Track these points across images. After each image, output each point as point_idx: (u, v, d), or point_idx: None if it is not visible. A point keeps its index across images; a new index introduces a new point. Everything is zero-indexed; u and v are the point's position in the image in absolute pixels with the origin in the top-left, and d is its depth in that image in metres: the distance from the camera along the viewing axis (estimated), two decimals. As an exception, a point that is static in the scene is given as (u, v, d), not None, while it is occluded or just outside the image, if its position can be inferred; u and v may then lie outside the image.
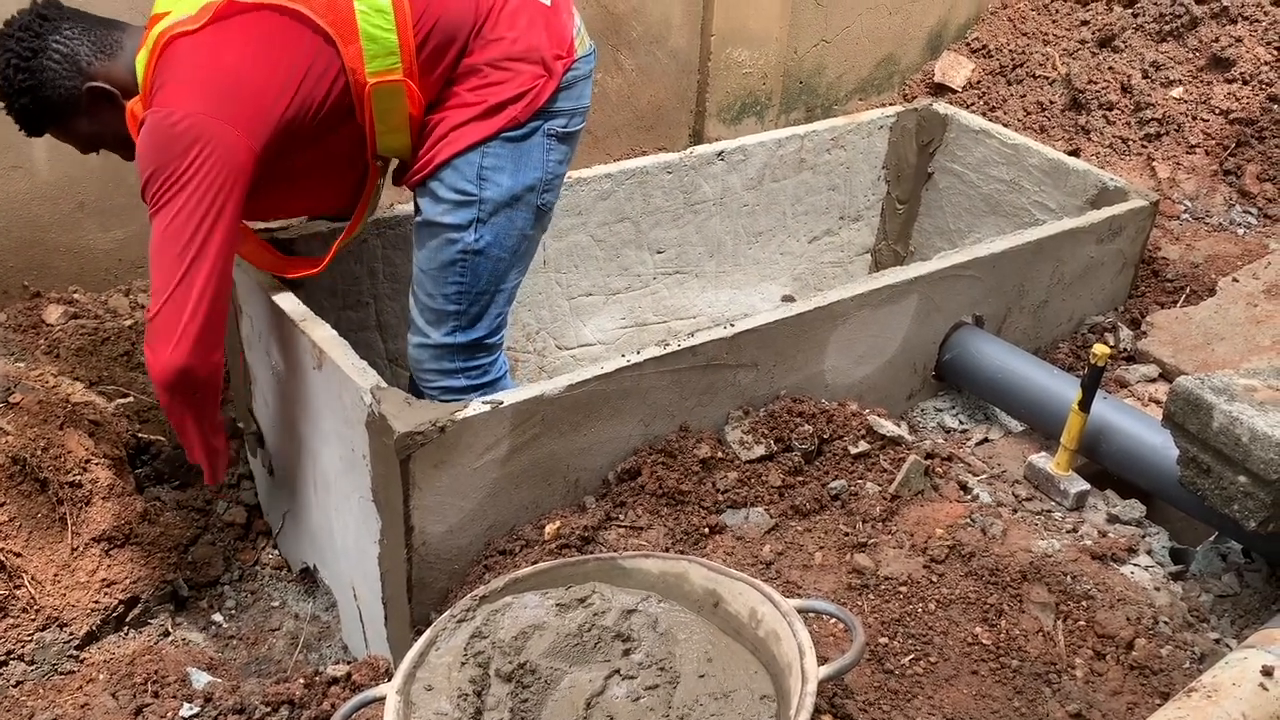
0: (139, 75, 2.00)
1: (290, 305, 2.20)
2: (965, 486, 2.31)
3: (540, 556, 1.96)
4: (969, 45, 4.77)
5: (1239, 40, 4.07)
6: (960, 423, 2.71)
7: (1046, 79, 4.42)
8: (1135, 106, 4.13)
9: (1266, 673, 1.65)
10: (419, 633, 1.68)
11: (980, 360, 2.65)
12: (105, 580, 2.24)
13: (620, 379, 2.09)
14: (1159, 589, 2.08)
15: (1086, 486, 2.33)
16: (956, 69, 4.67)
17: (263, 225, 2.44)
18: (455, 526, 1.99)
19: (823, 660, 1.51)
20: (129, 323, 2.79)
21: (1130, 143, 4.08)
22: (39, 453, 2.19)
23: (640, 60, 3.95)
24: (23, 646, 2.10)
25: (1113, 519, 2.29)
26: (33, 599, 2.13)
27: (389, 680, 1.58)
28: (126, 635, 2.27)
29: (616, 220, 3.09)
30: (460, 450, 1.92)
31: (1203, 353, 2.86)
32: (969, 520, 2.15)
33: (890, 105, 3.83)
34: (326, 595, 2.49)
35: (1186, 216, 3.80)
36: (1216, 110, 4.00)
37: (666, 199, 3.15)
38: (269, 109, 1.96)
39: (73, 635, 2.17)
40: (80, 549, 2.21)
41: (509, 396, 1.97)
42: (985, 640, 1.88)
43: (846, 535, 2.10)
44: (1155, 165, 3.98)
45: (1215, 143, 3.96)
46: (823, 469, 2.25)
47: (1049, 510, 2.30)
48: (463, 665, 1.54)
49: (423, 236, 2.21)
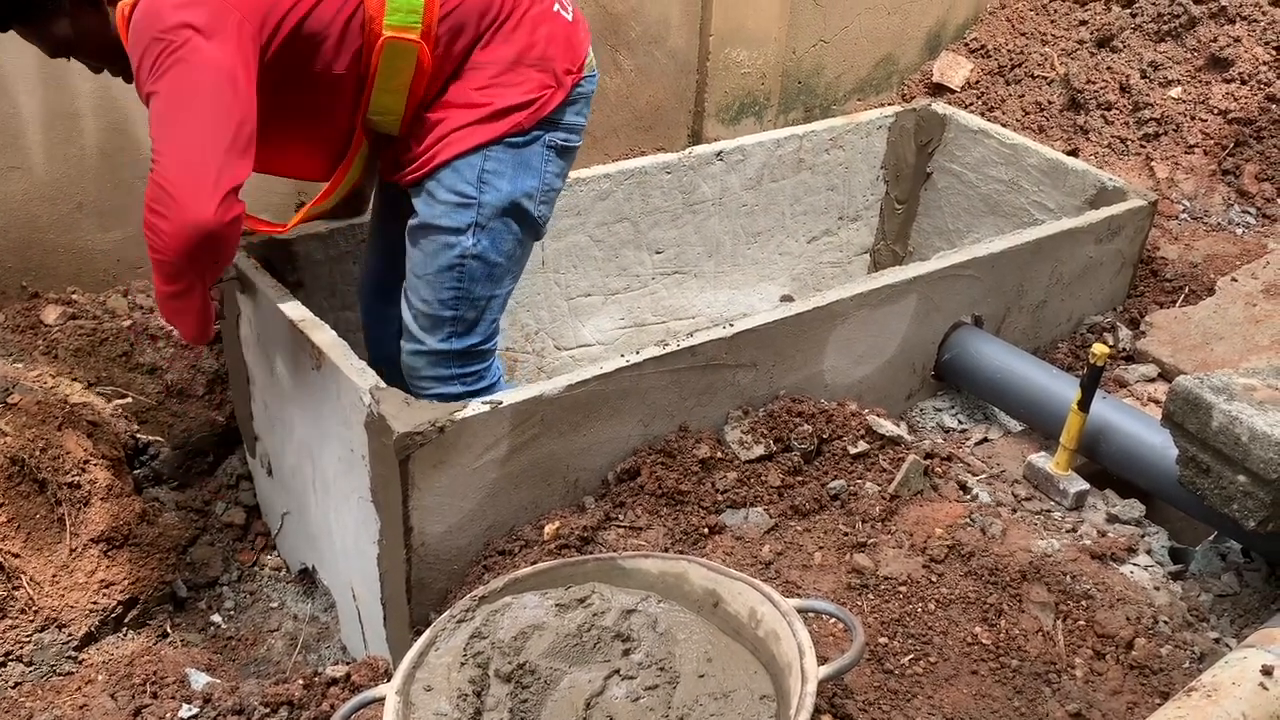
0: None
1: (289, 306, 2.19)
2: (964, 486, 2.31)
3: (540, 557, 1.96)
4: (967, 45, 4.77)
5: (1237, 40, 4.07)
6: (959, 423, 2.70)
7: (1045, 79, 4.42)
8: (1134, 106, 4.13)
9: (1266, 672, 1.65)
10: (418, 633, 1.68)
11: (979, 360, 2.65)
12: (104, 581, 2.23)
13: (619, 379, 2.09)
14: (1158, 588, 2.07)
15: (1086, 486, 2.33)
16: (955, 69, 4.67)
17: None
18: (454, 527, 1.99)
19: (822, 660, 1.51)
20: (127, 323, 2.79)
21: (1129, 143, 4.09)
22: (37, 453, 2.19)
23: (639, 60, 3.94)
24: (21, 647, 2.10)
25: (1112, 519, 2.29)
26: (31, 600, 2.13)
27: (388, 681, 1.58)
28: (125, 636, 2.27)
29: (615, 220, 3.08)
30: (459, 450, 1.92)
31: (1202, 352, 2.86)
32: (968, 520, 2.15)
33: (889, 105, 3.83)
34: (325, 596, 2.49)
35: (1185, 216, 3.80)
36: (1215, 110, 4.00)
37: (665, 199, 3.15)
38: (270, 10, 1.87)
39: (71, 636, 2.17)
40: (79, 550, 2.21)
41: (508, 397, 1.97)
42: (985, 640, 1.88)
43: (846, 535, 2.09)
44: (1154, 165, 3.98)
45: (1214, 142, 3.96)
46: (822, 469, 2.25)
47: (1048, 510, 2.30)
48: (462, 666, 1.54)
49: (418, 240, 2.17)
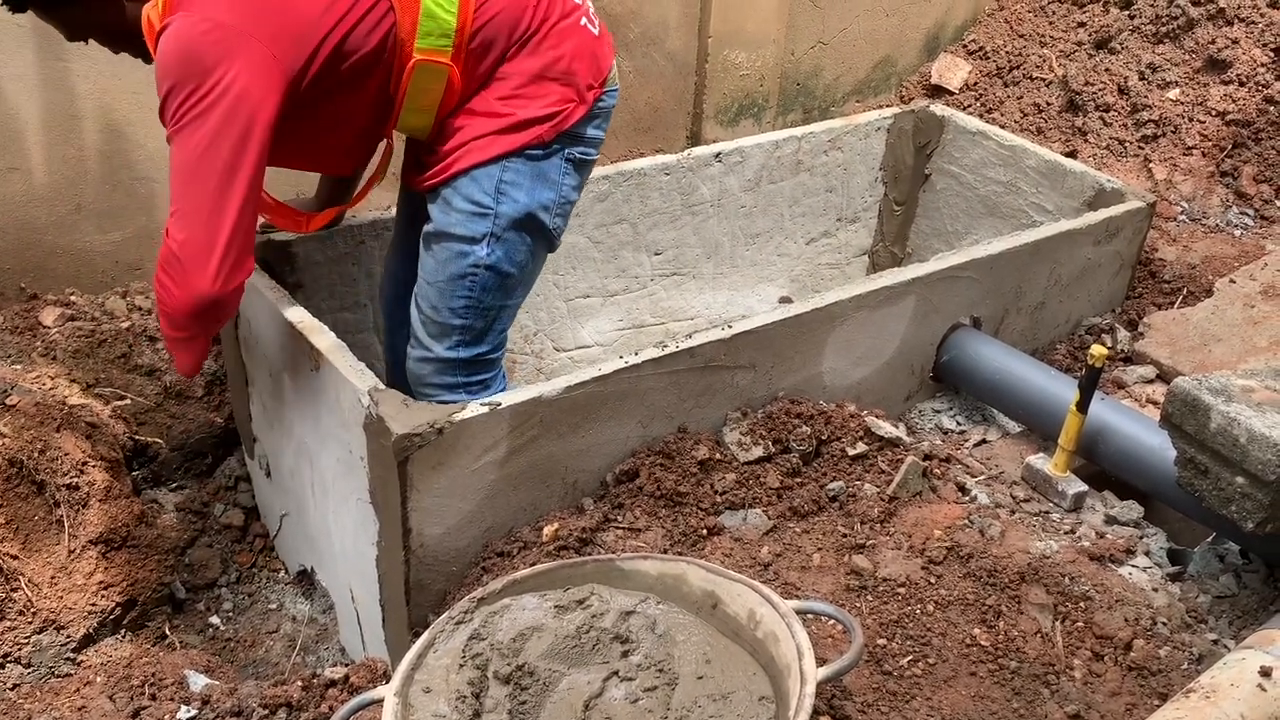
0: None
1: (288, 308, 2.19)
2: (963, 488, 2.31)
3: (538, 558, 1.96)
4: (966, 47, 4.77)
5: (1235, 42, 4.08)
6: (958, 424, 2.71)
7: (1043, 81, 4.42)
8: (1132, 108, 4.13)
9: (1265, 673, 1.65)
10: (417, 635, 1.68)
11: (978, 361, 2.65)
12: (102, 583, 2.23)
13: (618, 380, 2.09)
14: (1157, 590, 2.08)
15: (1084, 488, 2.33)
16: (953, 71, 4.68)
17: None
18: (453, 528, 1.99)
19: (821, 661, 1.51)
20: (126, 325, 2.79)
21: (1127, 144, 4.09)
22: (36, 455, 2.19)
23: (638, 62, 3.95)
24: (20, 649, 2.10)
25: (1111, 520, 2.29)
26: (30, 601, 2.13)
27: (387, 682, 1.58)
28: (124, 638, 2.26)
29: (614, 222, 3.08)
30: (458, 452, 1.92)
31: (1200, 354, 2.87)
32: (967, 521, 2.15)
33: (887, 107, 3.83)
34: (324, 598, 2.49)
35: (1183, 218, 3.81)
36: (1213, 112, 4.01)
37: (664, 200, 3.15)
38: (307, 37, 1.87)
39: (70, 638, 2.16)
40: (77, 551, 2.21)
41: (507, 398, 1.97)
42: (984, 641, 1.88)
43: (844, 536, 2.10)
44: (1152, 167, 3.99)
45: (1212, 144, 3.96)
46: (821, 470, 2.25)
47: (1047, 511, 2.30)
48: (461, 667, 1.54)
49: (431, 246, 2.16)
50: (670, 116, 4.17)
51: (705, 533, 2.07)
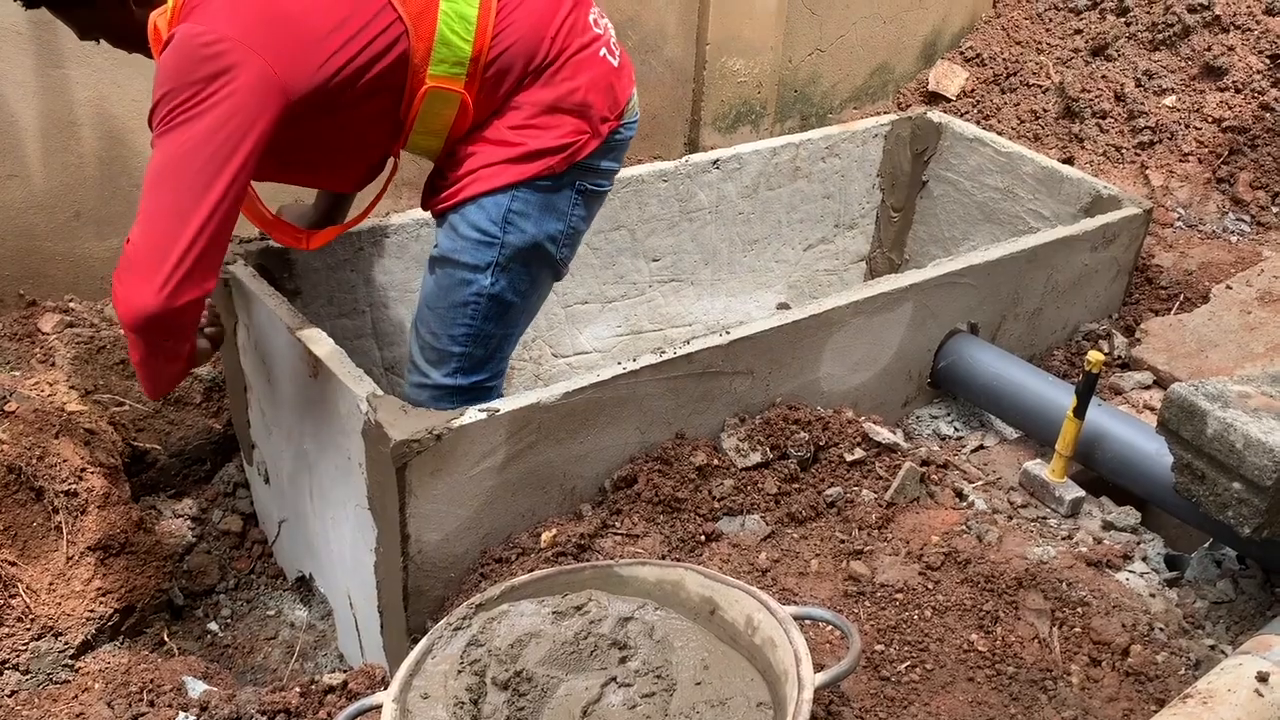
0: None
1: (286, 313, 2.20)
2: (961, 493, 2.31)
3: (536, 564, 1.96)
4: (963, 54, 4.79)
5: (1231, 49, 4.09)
6: (955, 430, 2.71)
7: (1040, 87, 4.44)
8: (1129, 115, 4.15)
9: (1261, 679, 1.65)
10: (415, 641, 1.68)
11: (975, 367, 2.65)
12: (100, 589, 2.23)
13: (616, 387, 2.10)
14: (1154, 595, 2.08)
15: (1082, 493, 2.33)
16: (951, 78, 4.69)
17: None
18: (451, 534, 1.99)
19: (819, 667, 1.51)
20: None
21: (1124, 151, 4.10)
22: (34, 461, 2.19)
23: (636, 70, 3.94)
24: (17, 656, 2.10)
25: (1108, 526, 2.29)
26: (28, 608, 2.13)
27: (385, 688, 1.58)
28: (122, 644, 2.26)
29: (612, 228, 3.09)
30: (456, 458, 1.92)
31: (1197, 360, 2.87)
32: (964, 527, 2.16)
33: (885, 114, 3.84)
34: (322, 604, 2.49)
35: (1180, 224, 3.82)
36: (1209, 118, 4.02)
37: (662, 207, 3.16)
38: (312, 55, 1.83)
39: (68, 644, 2.16)
40: (75, 558, 2.21)
41: (505, 404, 1.98)
42: (981, 647, 1.88)
43: (842, 542, 2.10)
44: (1149, 173, 4.00)
45: (1208, 151, 3.97)
46: (818, 476, 2.25)
47: (1044, 517, 2.31)
48: (459, 673, 1.54)
49: (435, 271, 2.14)
50: (668, 123, 4.18)
51: (703, 539, 2.08)
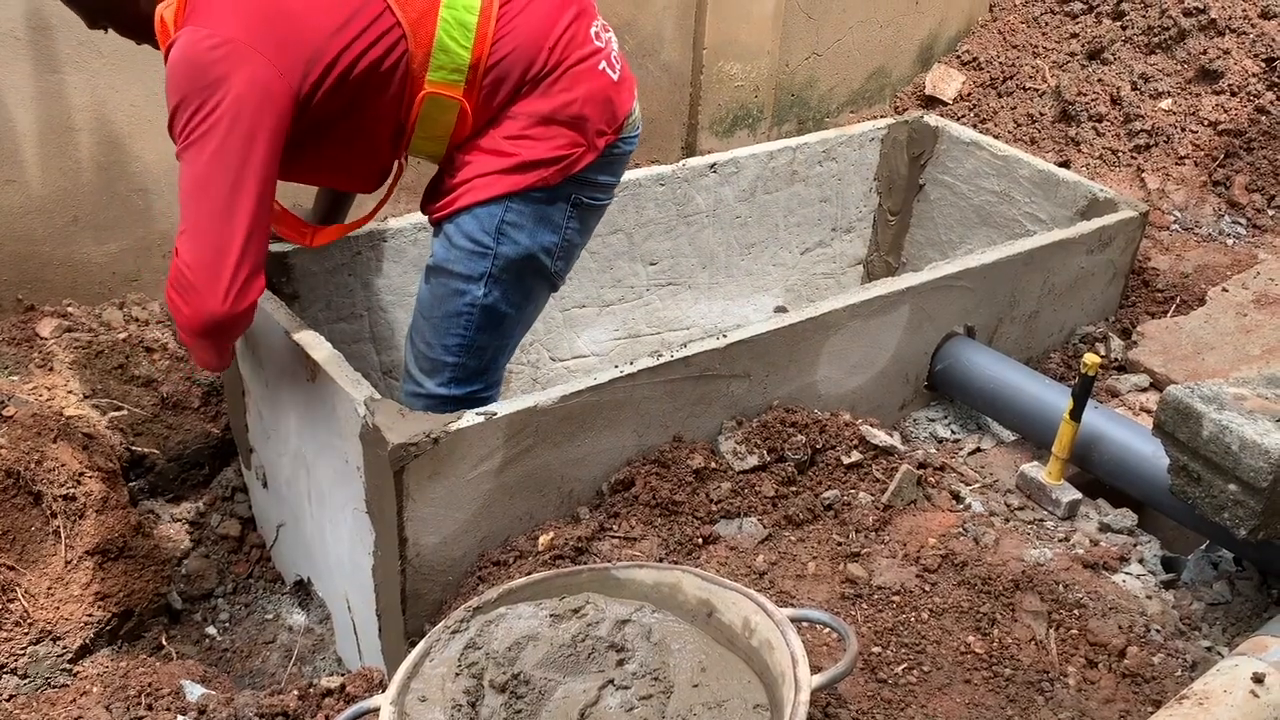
0: None
1: (284, 318, 2.20)
2: (957, 496, 2.32)
3: (534, 567, 1.96)
4: (959, 58, 4.80)
5: (1227, 52, 4.10)
6: (952, 433, 2.71)
7: (1036, 91, 4.45)
8: (1125, 118, 4.16)
9: (1258, 680, 1.65)
10: (413, 644, 1.68)
11: (972, 370, 2.66)
12: (99, 593, 2.23)
13: (613, 390, 2.10)
14: (1151, 597, 2.08)
15: (1078, 495, 2.34)
16: (947, 81, 4.70)
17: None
18: (449, 538, 1.99)
19: (816, 669, 1.52)
20: (123, 336, 2.79)
21: (1120, 154, 4.11)
22: (32, 466, 2.19)
23: (633, 73, 3.96)
24: (15, 660, 2.10)
25: (1104, 528, 2.30)
26: (26, 612, 2.13)
27: (383, 692, 1.58)
28: (120, 649, 2.26)
29: (610, 232, 3.10)
30: (454, 461, 1.93)
31: (1193, 362, 2.88)
32: (961, 529, 2.16)
33: (881, 118, 3.85)
34: (320, 608, 2.49)
35: (1176, 227, 3.82)
36: (1205, 122, 4.03)
37: (659, 211, 3.16)
38: (315, 57, 1.86)
39: (66, 649, 2.16)
40: (74, 562, 2.21)
41: (502, 408, 1.98)
42: (978, 649, 1.89)
43: (839, 545, 2.10)
44: (1145, 176, 4.01)
45: (1204, 154, 3.98)
46: (816, 479, 2.26)
47: (1041, 519, 2.31)
48: (457, 676, 1.54)
49: (430, 280, 2.15)
50: (665, 127, 4.19)
51: (701, 542, 2.08)
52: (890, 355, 2.61)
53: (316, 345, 2.11)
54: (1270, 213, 3.82)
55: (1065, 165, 4.05)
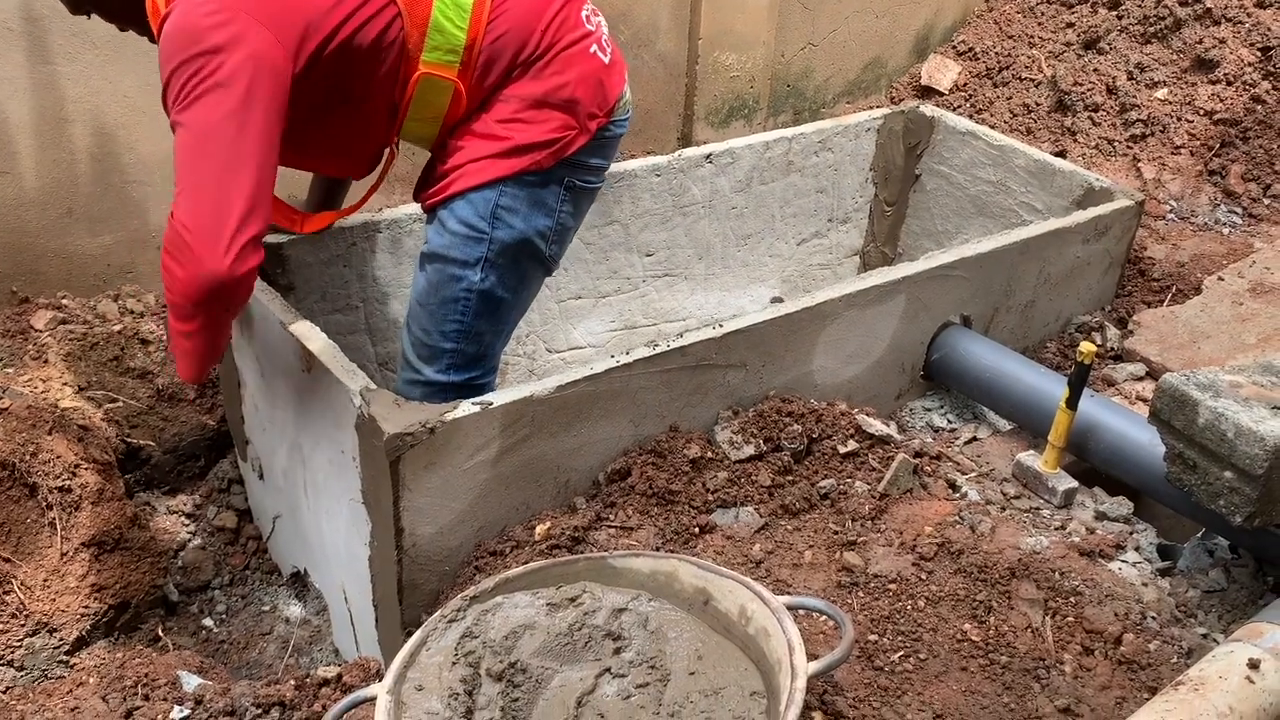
0: None
1: (279, 308, 2.20)
2: (954, 485, 2.32)
3: (531, 557, 1.96)
4: (955, 48, 4.79)
5: (1223, 42, 4.10)
6: (949, 422, 2.72)
7: (1032, 81, 4.45)
8: (1121, 108, 4.15)
9: (1253, 665, 1.66)
10: (410, 635, 1.68)
11: (968, 360, 2.66)
12: (95, 585, 2.23)
13: (610, 380, 2.10)
14: (1146, 585, 2.09)
15: (1074, 484, 2.34)
16: (943, 72, 4.69)
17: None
18: (446, 528, 1.99)
19: (813, 657, 1.52)
20: (118, 328, 2.79)
21: (1116, 144, 4.11)
22: (28, 458, 2.19)
23: (629, 64, 3.94)
24: (12, 652, 2.10)
25: (1101, 516, 2.30)
26: (22, 604, 2.13)
27: (380, 681, 1.58)
28: (116, 641, 2.27)
29: (605, 223, 3.09)
30: (450, 451, 1.92)
31: (1189, 351, 2.88)
32: (957, 518, 2.16)
33: (877, 108, 3.85)
34: (317, 599, 2.49)
35: (1172, 216, 3.83)
36: (1201, 111, 4.03)
37: (655, 202, 3.16)
38: (311, 31, 1.85)
39: (62, 641, 2.16)
40: (70, 554, 2.21)
41: (498, 398, 1.98)
42: (974, 637, 1.89)
43: (836, 534, 2.10)
44: (1141, 166, 4.01)
45: (1200, 143, 3.98)
46: (812, 468, 2.26)
47: (1037, 508, 2.31)
48: (454, 665, 1.54)
49: (425, 267, 2.15)
50: (661, 118, 4.18)
51: (697, 531, 2.08)
52: (886, 345, 2.61)
53: (312, 336, 2.11)
54: (1266, 202, 3.82)
55: (1061, 155, 4.05)
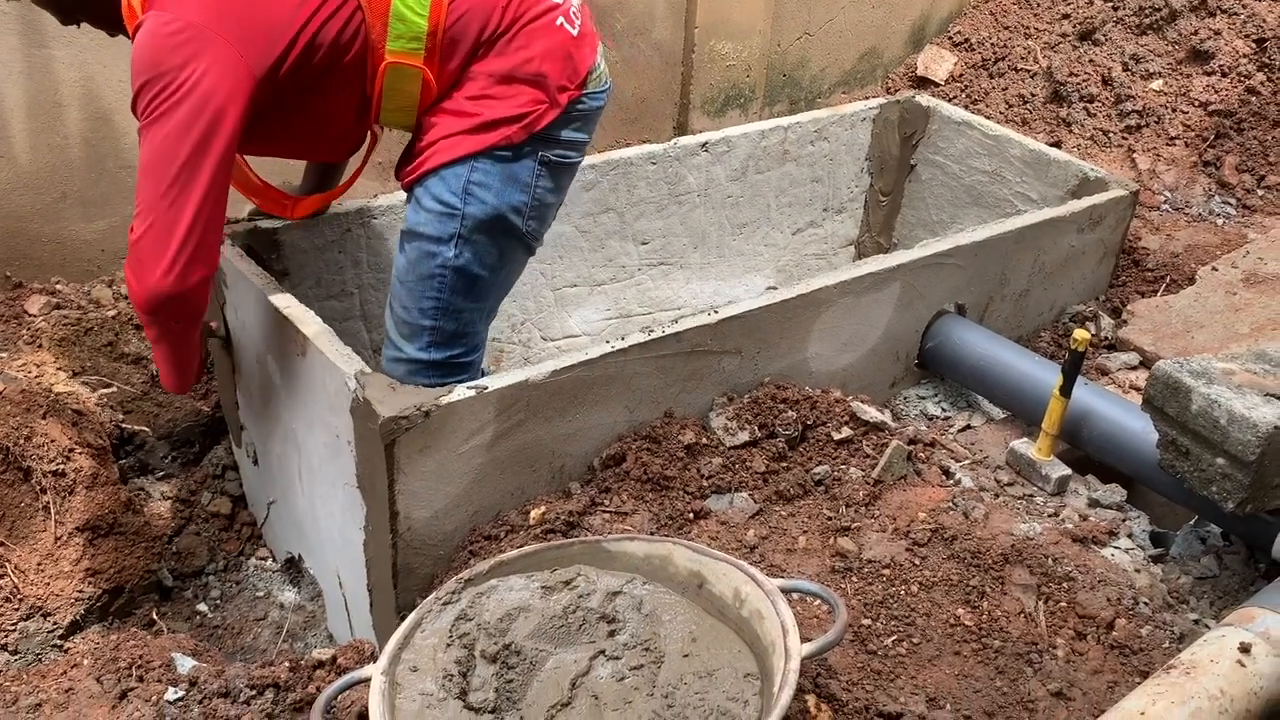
0: None
1: (275, 294, 2.19)
2: (947, 471, 2.32)
3: (525, 541, 1.96)
4: (951, 39, 4.79)
5: (1218, 33, 4.11)
6: (943, 410, 2.72)
7: (1028, 72, 4.45)
8: (1116, 99, 4.16)
9: (1244, 649, 1.67)
10: (404, 619, 1.68)
11: (962, 348, 2.66)
12: (89, 569, 2.23)
13: (605, 365, 2.10)
14: (1139, 571, 2.10)
15: (1068, 471, 2.35)
16: (939, 62, 4.69)
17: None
18: (440, 512, 2.00)
19: (807, 640, 1.52)
20: (112, 313, 2.78)
21: (1111, 135, 4.12)
22: (21, 441, 2.18)
23: (625, 52, 3.95)
24: (6, 636, 2.10)
25: (1094, 503, 2.31)
26: (16, 588, 2.12)
27: (374, 663, 1.58)
28: (110, 625, 2.26)
29: (601, 211, 3.09)
30: (445, 435, 1.93)
31: (1182, 340, 2.89)
32: (951, 504, 2.17)
33: (873, 98, 3.85)
34: (312, 585, 2.49)
35: (1166, 207, 3.83)
36: (1196, 102, 4.04)
37: (651, 190, 3.16)
38: (277, 36, 1.90)
39: (56, 625, 2.16)
40: (64, 538, 2.21)
41: (494, 382, 1.98)
42: (967, 621, 1.90)
43: (830, 519, 2.11)
44: (1136, 157, 4.01)
45: (1195, 134, 3.99)
46: (806, 454, 2.26)
47: (1031, 495, 2.32)
48: (448, 647, 1.54)
49: (404, 246, 2.17)
50: (657, 107, 4.18)
51: (692, 516, 2.08)
52: (881, 333, 2.61)
53: (307, 320, 2.11)
54: (1260, 193, 3.83)
55: (1057, 146, 4.05)
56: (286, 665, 1.72)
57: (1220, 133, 3.96)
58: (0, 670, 1.98)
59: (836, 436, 2.29)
